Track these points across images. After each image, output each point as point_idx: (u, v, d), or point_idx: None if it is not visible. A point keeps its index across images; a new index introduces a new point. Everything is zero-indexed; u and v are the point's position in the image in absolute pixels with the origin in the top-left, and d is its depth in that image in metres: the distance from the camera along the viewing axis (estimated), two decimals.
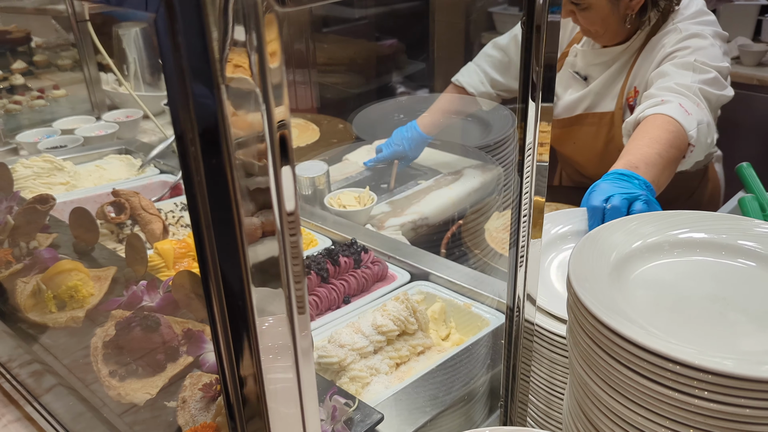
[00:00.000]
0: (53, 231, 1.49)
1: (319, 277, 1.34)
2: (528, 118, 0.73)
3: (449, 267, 1.45)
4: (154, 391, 0.99)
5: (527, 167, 0.76)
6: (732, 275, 0.69)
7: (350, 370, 1.09)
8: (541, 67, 0.70)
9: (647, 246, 0.72)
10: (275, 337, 0.51)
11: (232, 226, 0.45)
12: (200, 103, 0.43)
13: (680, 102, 1.35)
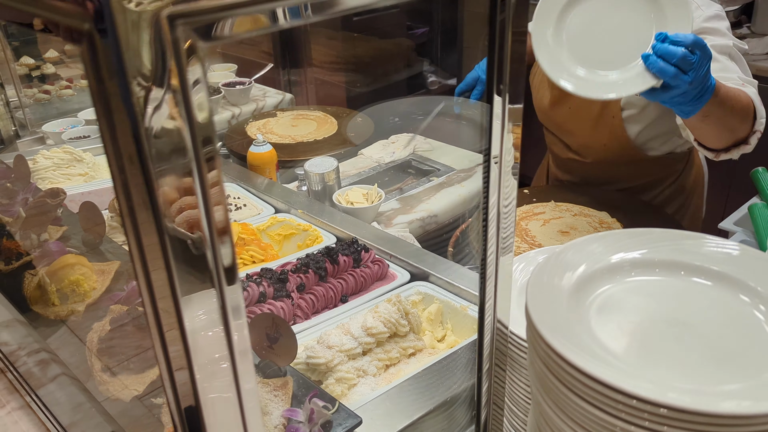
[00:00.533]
0: (67, 223, 1.53)
1: (317, 275, 1.36)
2: (493, 117, 0.72)
3: (450, 268, 1.45)
4: (141, 388, 1.02)
5: (493, 173, 0.75)
6: (691, 296, 0.68)
7: (337, 371, 1.11)
8: (508, 56, 0.68)
9: (608, 267, 0.71)
10: (209, 344, 0.52)
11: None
12: (122, 130, 0.44)
13: (755, 90, 1.39)
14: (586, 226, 1.71)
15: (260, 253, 1.51)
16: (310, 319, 1.30)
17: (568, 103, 1.76)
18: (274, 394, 1.01)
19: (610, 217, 1.75)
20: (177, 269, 0.48)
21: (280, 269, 1.36)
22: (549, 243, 1.64)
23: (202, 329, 0.51)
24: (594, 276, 0.69)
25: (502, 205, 0.77)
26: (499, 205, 0.77)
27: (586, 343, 0.61)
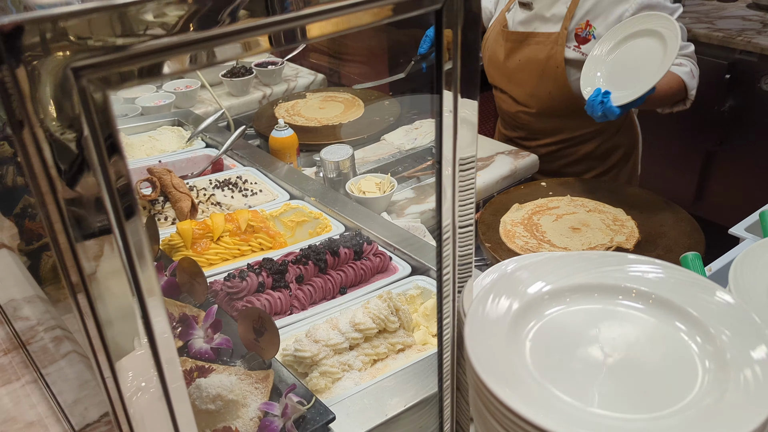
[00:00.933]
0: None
1: (317, 267, 1.40)
2: (444, 113, 0.72)
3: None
4: None
5: (446, 182, 0.76)
6: (624, 321, 0.69)
7: (322, 365, 1.15)
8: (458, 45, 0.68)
9: (547, 293, 0.72)
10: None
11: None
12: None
13: (691, 68, 1.79)
14: (598, 223, 1.69)
15: (268, 241, 1.56)
16: (306, 309, 1.35)
17: (519, 55, 1.96)
18: (255, 387, 1.06)
19: (625, 214, 1.73)
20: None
21: (282, 259, 1.41)
22: (558, 240, 1.64)
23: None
24: (532, 304, 0.71)
25: (457, 222, 0.78)
26: (454, 220, 0.78)
27: (515, 378, 0.63)
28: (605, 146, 2.06)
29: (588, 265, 0.77)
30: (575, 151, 2.07)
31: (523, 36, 1.95)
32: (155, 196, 1.65)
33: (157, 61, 0.47)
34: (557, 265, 0.76)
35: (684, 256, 1.30)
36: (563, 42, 1.86)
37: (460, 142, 0.74)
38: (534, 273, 0.75)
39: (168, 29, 0.47)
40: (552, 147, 2.09)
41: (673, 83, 1.74)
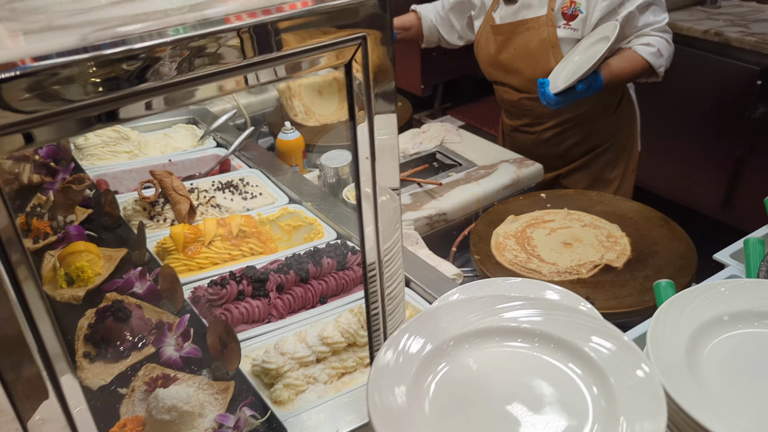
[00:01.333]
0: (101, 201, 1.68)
1: (298, 276, 1.43)
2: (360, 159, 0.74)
3: (433, 275, 1.49)
4: (109, 378, 1.15)
5: (366, 215, 0.78)
6: (522, 365, 0.70)
7: (286, 377, 1.19)
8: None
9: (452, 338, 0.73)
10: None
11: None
12: None
13: (659, 48, 1.91)
14: (591, 239, 1.68)
15: (259, 246, 1.61)
16: (285, 318, 1.39)
17: (512, 45, 2.04)
18: (215, 397, 1.11)
19: (620, 231, 1.71)
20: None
21: (265, 267, 1.45)
22: (548, 255, 1.63)
23: None
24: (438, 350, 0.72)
25: (382, 258, 0.80)
26: (380, 256, 0.80)
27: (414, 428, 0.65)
28: (606, 123, 2.15)
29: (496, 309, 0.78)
30: (579, 131, 2.15)
31: (513, 26, 2.02)
32: (155, 198, 1.71)
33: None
34: (474, 307, 0.78)
35: (657, 283, 1.29)
36: (553, 23, 1.96)
37: (379, 181, 0.76)
38: (448, 315, 0.77)
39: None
40: (558, 128, 2.16)
41: (635, 65, 1.91)
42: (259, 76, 0.63)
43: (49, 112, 0.49)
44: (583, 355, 0.69)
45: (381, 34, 0.67)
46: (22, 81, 0.49)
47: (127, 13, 0.60)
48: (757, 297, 0.76)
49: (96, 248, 1.46)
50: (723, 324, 0.73)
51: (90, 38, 0.54)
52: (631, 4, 1.89)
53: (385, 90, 0.70)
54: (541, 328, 0.73)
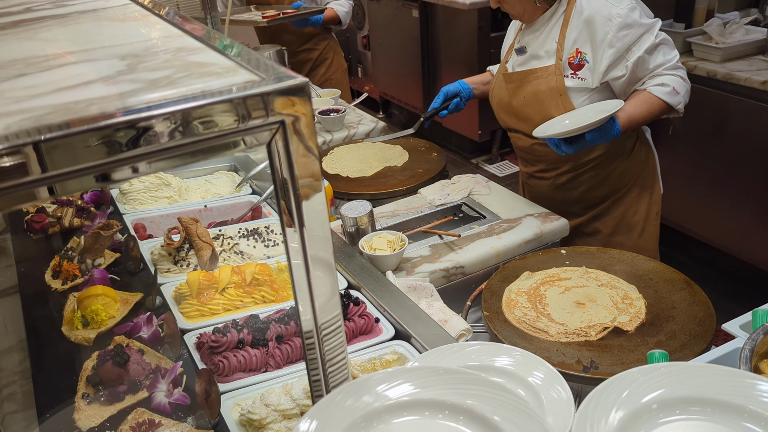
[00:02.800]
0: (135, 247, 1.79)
1: (298, 326, 1.47)
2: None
3: (434, 332, 1.49)
4: (99, 421, 1.22)
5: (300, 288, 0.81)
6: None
7: (268, 429, 1.22)
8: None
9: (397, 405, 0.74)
10: None
11: None
12: None
13: (674, 86, 1.94)
14: (606, 300, 1.64)
15: (271, 294, 1.66)
16: (281, 368, 1.42)
17: (523, 93, 2.11)
18: None
19: (637, 292, 1.66)
20: None
21: (267, 317, 1.50)
22: (558, 314, 1.60)
23: None
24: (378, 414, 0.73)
25: (320, 327, 0.82)
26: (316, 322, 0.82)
27: None
28: (623, 166, 2.16)
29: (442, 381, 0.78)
30: (595, 175, 2.16)
31: (523, 74, 2.10)
32: (179, 244, 1.80)
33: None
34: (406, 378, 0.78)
35: (650, 353, 1.25)
36: (561, 72, 2.02)
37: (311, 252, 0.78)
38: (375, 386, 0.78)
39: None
40: (572, 173, 2.17)
41: (652, 107, 1.95)
42: (182, 158, 0.68)
43: None
44: (495, 430, 0.69)
45: (302, 116, 0.71)
46: None
47: (57, 102, 0.67)
48: (688, 383, 0.72)
49: (113, 292, 1.55)
50: (651, 413, 0.70)
51: (12, 128, 0.60)
52: (638, 49, 1.92)
53: (309, 167, 0.73)
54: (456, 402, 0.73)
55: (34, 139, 0.56)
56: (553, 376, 0.97)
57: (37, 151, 0.59)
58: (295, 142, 0.71)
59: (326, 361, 0.84)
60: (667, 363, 0.76)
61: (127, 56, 0.83)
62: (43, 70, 0.79)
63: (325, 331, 0.83)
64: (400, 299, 1.61)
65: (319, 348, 0.83)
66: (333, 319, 0.84)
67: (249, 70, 0.74)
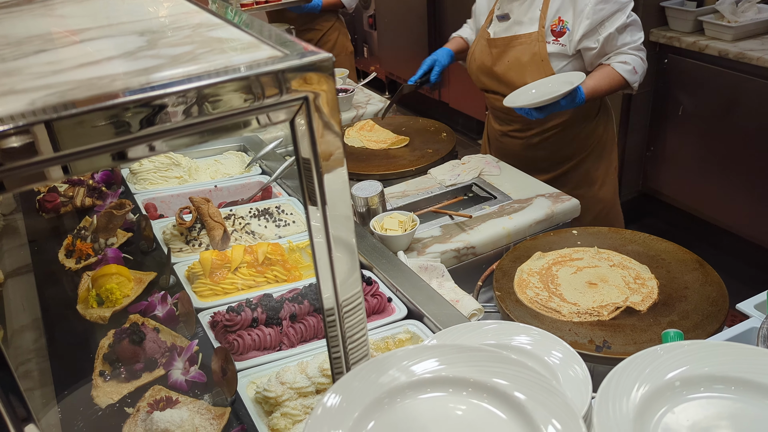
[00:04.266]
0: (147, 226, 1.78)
1: (312, 306, 1.48)
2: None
3: (447, 311, 1.49)
4: (117, 398, 1.23)
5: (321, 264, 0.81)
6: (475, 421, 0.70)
7: (284, 406, 1.23)
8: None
9: (419, 382, 0.74)
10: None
11: None
12: None
13: (634, 66, 2.11)
14: (618, 280, 1.64)
15: (283, 274, 1.66)
16: (295, 347, 1.43)
17: (506, 58, 2.22)
18: (210, 422, 1.16)
19: (650, 272, 1.66)
20: None
21: (281, 296, 1.50)
22: (570, 294, 1.60)
23: None
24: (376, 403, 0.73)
25: (341, 305, 0.83)
26: (338, 300, 0.82)
27: None
28: (588, 128, 2.32)
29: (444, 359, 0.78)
30: (564, 136, 2.31)
31: (507, 40, 2.22)
32: (191, 224, 1.80)
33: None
34: (425, 355, 0.79)
35: (665, 333, 1.25)
36: (543, 39, 2.15)
37: (332, 231, 0.78)
38: (397, 363, 0.78)
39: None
40: (544, 134, 2.31)
41: (613, 81, 2.11)
42: (204, 135, 0.68)
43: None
44: (518, 407, 0.69)
45: (325, 92, 0.70)
46: None
47: (81, 77, 0.66)
48: (711, 361, 0.72)
49: (127, 271, 1.56)
50: (674, 390, 0.70)
51: (37, 104, 0.60)
52: (611, 25, 2.06)
53: (331, 144, 0.72)
54: (478, 379, 0.73)
55: (64, 113, 0.55)
56: (571, 356, 0.97)
57: (61, 127, 0.58)
58: (317, 118, 0.71)
59: (347, 338, 0.85)
60: (690, 341, 0.76)
61: (146, 32, 0.83)
62: (62, 47, 0.79)
63: (346, 308, 0.83)
64: (413, 279, 1.62)
65: (340, 325, 0.83)
66: (354, 296, 0.84)
67: (271, 45, 0.74)
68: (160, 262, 1.69)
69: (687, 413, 0.69)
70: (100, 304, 1.49)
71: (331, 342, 0.85)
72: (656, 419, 0.70)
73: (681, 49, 3.24)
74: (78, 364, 1.34)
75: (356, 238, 1.80)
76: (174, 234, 1.82)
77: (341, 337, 0.84)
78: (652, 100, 3.47)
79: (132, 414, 1.20)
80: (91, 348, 1.37)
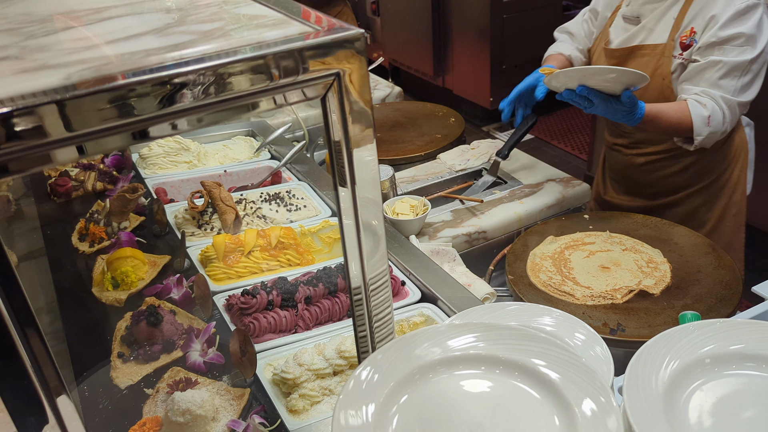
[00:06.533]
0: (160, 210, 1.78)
1: (327, 289, 1.48)
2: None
3: (461, 294, 1.50)
4: (136, 378, 1.23)
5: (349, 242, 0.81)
6: (505, 399, 0.70)
7: (302, 387, 1.23)
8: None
9: (447, 359, 0.75)
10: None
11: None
12: None
13: (710, 114, 1.71)
14: (630, 264, 1.64)
15: (296, 258, 1.67)
16: (310, 329, 1.44)
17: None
18: (230, 403, 1.16)
19: (662, 256, 1.66)
20: None
21: (296, 279, 1.50)
22: (584, 278, 1.61)
23: None
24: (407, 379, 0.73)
25: (368, 283, 0.83)
26: (365, 278, 0.82)
27: None
28: (709, 160, 1.94)
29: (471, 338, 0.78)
30: (674, 164, 1.97)
31: (628, 51, 1.89)
32: (203, 208, 1.80)
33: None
34: (451, 334, 0.79)
35: (683, 314, 1.25)
36: (670, 53, 1.81)
37: (361, 212, 0.78)
38: (425, 342, 0.78)
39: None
40: (652, 156, 1.99)
41: (682, 117, 1.73)
42: (237, 110, 0.67)
43: (21, 147, 0.55)
44: (551, 385, 0.70)
45: (356, 69, 0.70)
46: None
47: (113, 53, 0.66)
48: (742, 339, 0.73)
49: (141, 254, 1.56)
50: (704, 367, 0.71)
51: (73, 78, 0.60)
52: (724, 54, 1.70)
53: (362, 122, 0.72)
54: (510, 357, 0.73)
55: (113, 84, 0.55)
56: (593, 337, 0.98)
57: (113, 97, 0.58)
58: (349, 95, 0.71)
59: (373, 316, 0.85)
60: (721, 319, 0.76)
61: (173, 10, 0.82)
62: (89, 23, 0.78)
63: (373, 286, 0.83)
64: (425, 263, 1.62)
65: (366, 304, 0.84)
66: (380, 274, 0.84)
67: (301, 22, 0.73)
68: (173, 246, 1.69)
69: (717, 390, 0.70)
70: (116, 287, 1.49)
71: (358, 321, 0.85)
72: (686, 395, 0.70)
73: None
74: (95, 346, 1.34)
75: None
76: (186, 218, 1.82)
77: (367, 315, 0.85)
78: None
79: (152, 395, 1.21)
80: (108, 330, 1.37)
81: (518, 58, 4.63)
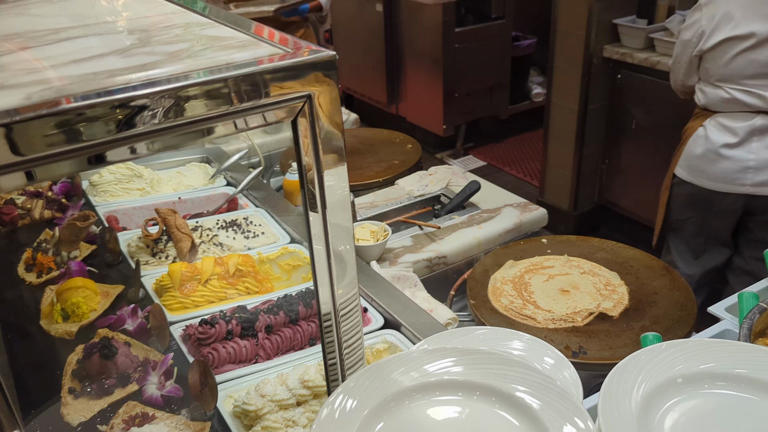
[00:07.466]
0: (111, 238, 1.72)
1: (288, 317, 1.45)
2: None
3: (424, 320, 1.49)
4: (89, 415, 1.17)
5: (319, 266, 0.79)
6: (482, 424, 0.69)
7: (265, 419, 1.19)
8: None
9: (414, 387, 0.73)
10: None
11: None
12: None
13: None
14: (589, 287, 1.66)
15: (255, 285, 1.63)
16: (272, 359, 1.40)
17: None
18: None
19: (619, 279, 1.69)
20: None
21: (256, 308, 1.47)
22: (544, 302, 1.62)
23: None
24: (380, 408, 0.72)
25: (338, 309, 0.81)
26: (335, 304, 0.81)
27: None
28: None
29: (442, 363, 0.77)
30: None
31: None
32: (158, 236, 1.75)
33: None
34: (423, 360, 0.78)
35: (644, 336, 1.26)
36: None
37: (332, 234, 0.77)
38: (397, 368, 0.77)
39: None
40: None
41: None
42: (209, 131, 0.65)
43: None
44: (529, 411, 0.69)
45: (327, 91, 0.69)
46: None
47: (78, 73, 0.64)
48: (711, 358, 0.74)
49: (93, 284, 1.50)
50: (677, 387, 0.71)
51: (33, 98, 0.57)
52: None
53: (333, 144, 0.71)
54: (487, 382, 0.72)
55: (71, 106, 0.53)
56: (561, 361, 0.98)
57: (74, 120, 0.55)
58: (321, 117, 0.70)
59: (343, 342, 0.83)
60: (692, 338, 0.77)
61: (135, 30, 0.80)
62: (48, 44, 0.76)
63: (343, 311, 0.82)
64: (388, 289, 1.61)
65: (336, 330, 0.82)
66: (350, 299, 0.82)
67: (269, 43, 0.72)
68: (126, 275, 1.63)
69: (690, 409, 0.70)
70: (66, 318, 1.43)
71: (327, 348, 0.83)
72: (660, 415, 0.70)
73: (633, 65, 3.34)
74: (45, 382, 1.27)
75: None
76: (140, 246, 1.76)
77: (337, 342, 0.83)
78: (607, 114, 3.57)
79: (107, 430, 1.15)
80: (58, 365, 1.31)
81: (470, 86, 4.71)
